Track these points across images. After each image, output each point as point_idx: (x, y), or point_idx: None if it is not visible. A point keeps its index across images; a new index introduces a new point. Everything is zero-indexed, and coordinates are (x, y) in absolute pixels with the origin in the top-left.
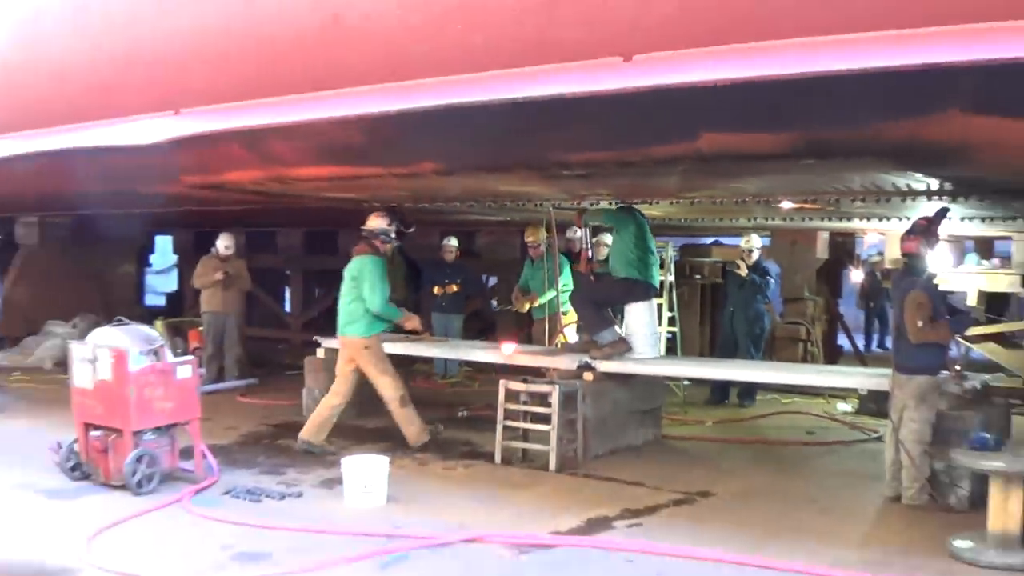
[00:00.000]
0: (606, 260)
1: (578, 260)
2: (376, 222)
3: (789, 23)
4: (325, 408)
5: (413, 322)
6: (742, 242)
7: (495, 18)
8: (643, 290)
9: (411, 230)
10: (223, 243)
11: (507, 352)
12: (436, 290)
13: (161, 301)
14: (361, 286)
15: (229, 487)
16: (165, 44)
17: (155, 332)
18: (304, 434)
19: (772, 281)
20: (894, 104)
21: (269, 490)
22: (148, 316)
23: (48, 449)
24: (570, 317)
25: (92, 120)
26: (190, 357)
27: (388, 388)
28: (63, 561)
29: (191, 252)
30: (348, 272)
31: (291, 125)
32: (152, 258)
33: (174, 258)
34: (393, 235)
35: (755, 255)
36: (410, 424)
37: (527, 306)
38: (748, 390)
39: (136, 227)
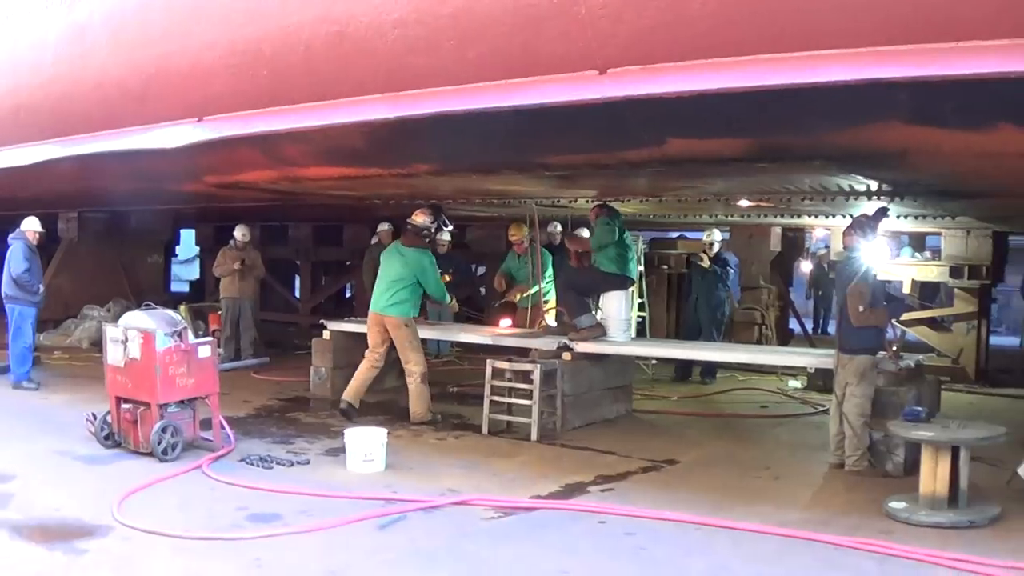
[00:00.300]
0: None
1: (558, 252)
2: (422, 219)
3: (748, 42)
4: (365, 377)
5: (454, 307)
6: (704, 236)
7: (486, 34)
8: (621, 282)
9: (449, 227)
10: (239, 231)
11: (504, 326)
12: None
13: (185, 288)
14: (420, 277)
15: (244, 455)
16: (190, 58)
17: (179, 316)
18: (347, 395)
19: (731, 271)
20: (841, 114)
21: (280, 458)
22: (173, 301)
23: (84, 420)
24: (550, 304)
25: (126, 126)
26: (210, 338)
27: (415, 364)
28: (97, 519)
29: (212, 244)
30: (399, 259)
31: (301, 130)
32: (177, 249)
33: (196, 249)
34: (434, 231)
35: (716, 248)
36: (420, 401)
37: (518, 297)
38: (709, 369)
39: (163, 222)
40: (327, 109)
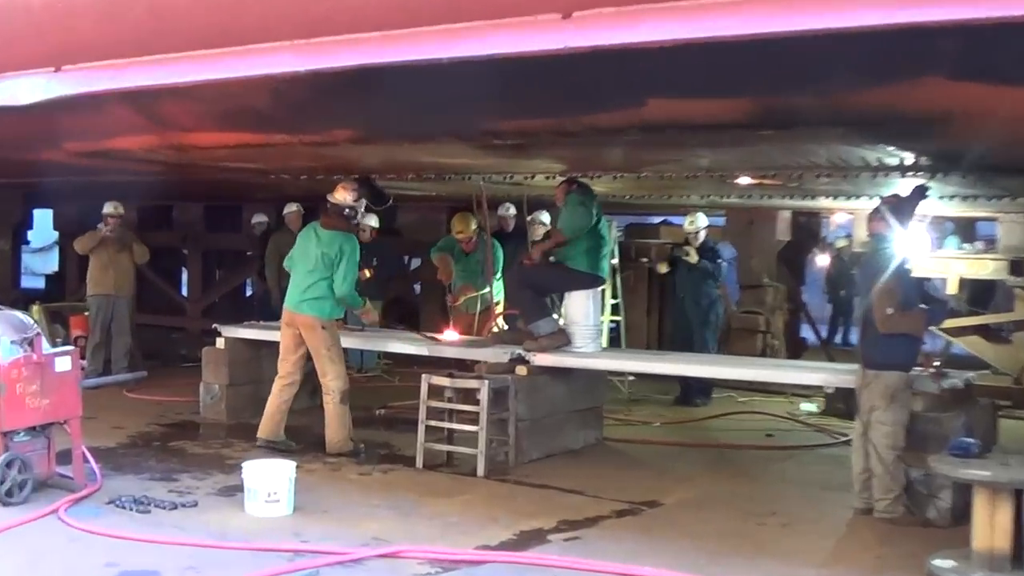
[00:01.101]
0: (542, 239)
1: (511, 240)
2: (342, 195)
3: None
4: (278, 399)
5: (372, 315)
6: (686, 223)
7: None
8: (589, 280)
9: (387, 204)
10: (110, 205)
11: (449, 340)
12: None
13: (40, 283)
14: (335, 265)
15: (114, 496)
16: None
17: (30, 319)
18: (261, 433)
19: (724, 265)
20: (866, 69)
21: (160, 499)
22: (23, 300)
23: None
24: (502, 307)
25: None
26: (71, 347)
27: (333, 379)
28: None
29: (75, 229)
30: (317, 245)
31: (188, 86)
32: (30, 235)
33: (55, 236)
34: (362, 210)
35: (701, 236)
36: (340, 426)
37: (462, 299)
38: (702, 387)
39: (12, 200)
40: (221, 59)
